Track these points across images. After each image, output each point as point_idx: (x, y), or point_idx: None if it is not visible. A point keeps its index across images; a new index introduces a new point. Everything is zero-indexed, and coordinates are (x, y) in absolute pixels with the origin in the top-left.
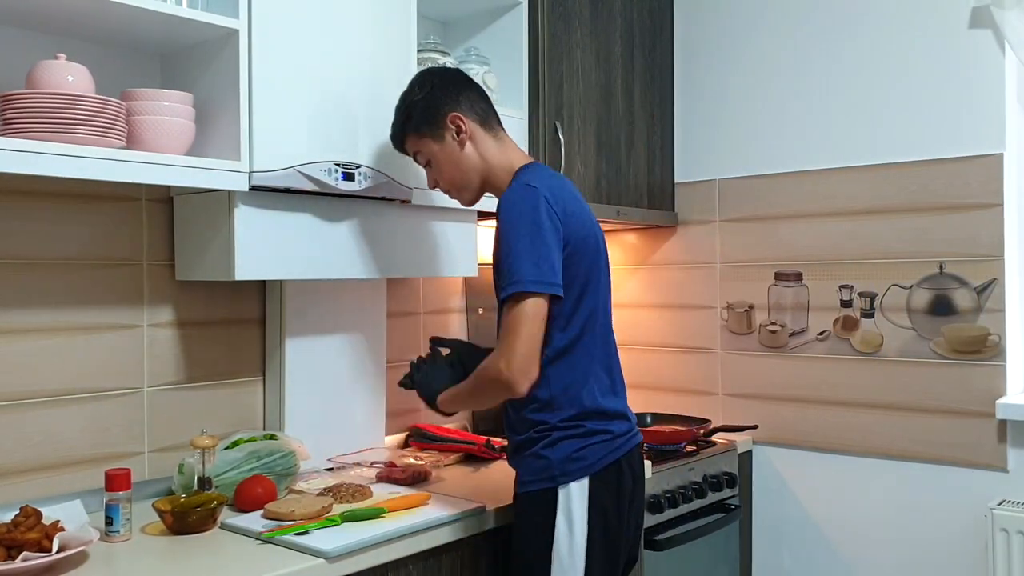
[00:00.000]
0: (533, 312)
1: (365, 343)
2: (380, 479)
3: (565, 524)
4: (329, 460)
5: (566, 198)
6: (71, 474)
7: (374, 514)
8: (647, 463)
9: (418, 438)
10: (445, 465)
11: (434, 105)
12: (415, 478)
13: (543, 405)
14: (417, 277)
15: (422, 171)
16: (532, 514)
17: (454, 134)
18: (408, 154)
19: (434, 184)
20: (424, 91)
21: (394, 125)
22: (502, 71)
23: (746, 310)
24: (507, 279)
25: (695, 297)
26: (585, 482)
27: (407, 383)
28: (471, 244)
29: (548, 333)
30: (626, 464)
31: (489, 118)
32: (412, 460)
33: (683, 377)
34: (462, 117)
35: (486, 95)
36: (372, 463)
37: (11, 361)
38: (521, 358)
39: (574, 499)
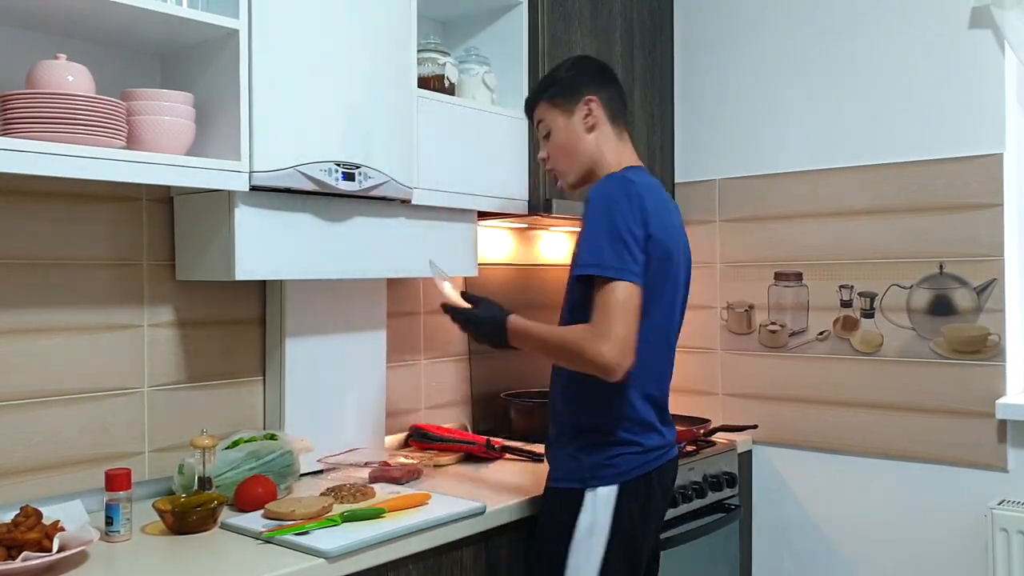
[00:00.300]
0: (627, 297)
1: (365, 343)
2: (374, 478)
3: (587, 526)
4: (319, 461)
5: (660, 203)
6: (71, 474)
7: (374, 514)
8: None
9: (418, 438)
10: (445, 465)
11: (577, 82)
12: (409, 476)
13: (592, 409)
14: (417, 277)
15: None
16: (557, 510)
17: (583, 115)
18: (533, 120)
19: (545, 157)
20: (574, 70)
21: (533, 89)
22: (502, 71)
23: (746, 310)
24: (587, 258)
25: (695, 297)
26: (615, 489)
27: (462, 314)
28: (471, 244)
29: None
30: (656, 478)
31: (619, 117)
32: (404, 459)
33: (683, 377)
34: (598, 102)
35: (625, 97)
36: (366, 463)
37: (11, 361)
38: (624, 344)
39: (600, 503)
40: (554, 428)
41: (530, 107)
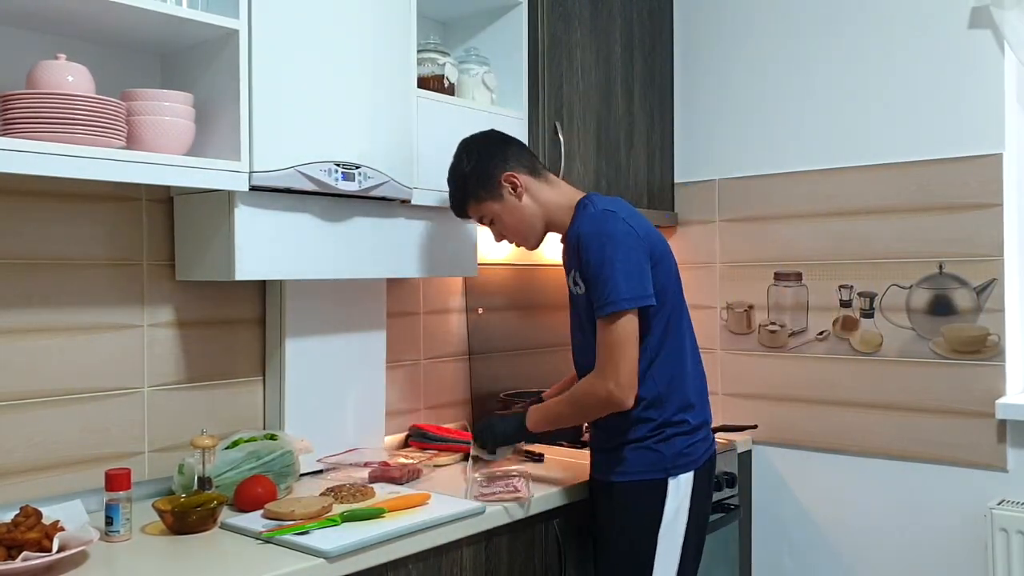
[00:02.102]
0: (629, 330)
1: (365, 343)
2: (374, 478)
3: (673, 512)
4: (319, 461)
5: (640, 219)
6: (71, 474)
7: (374, 514)
8: None
9: (418, 438)
10: (444, 465)
11: (486, 170)
12: (409, 476)
13: (651, 403)
14: (417, 277)
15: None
16: (642, 502)
17: (511, 190)
18: (471, 219)
19: (500, 238)
20: (473, 160)
21: (453, 196)
22: (502, 71)
23: (746, 310)
24: (602, 299)
25: (695, 297)
26: (691, 475)
27: (484, 443)
28: (471, 244)
29: (642, 336)
30: (714, 459)
31: (536, 166)
32: (404, 459)
33: None
34: (514, 174)
35: (527, 147)
36: (366, 463)
37: (11, 361)
38: (627, 376)
39: (682, 490)
40: (621, 425)
41: (462, 211)
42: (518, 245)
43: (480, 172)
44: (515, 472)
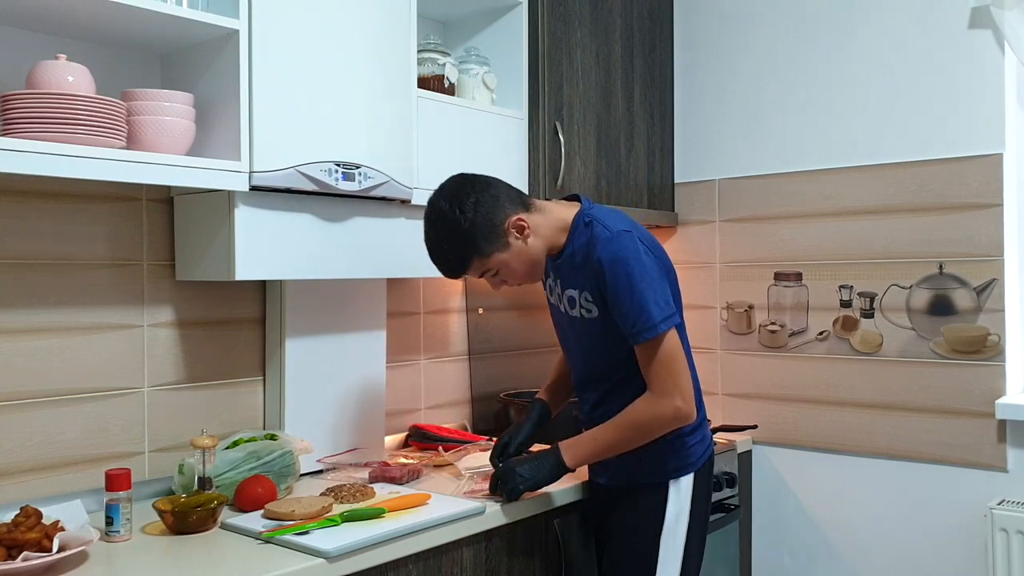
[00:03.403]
0: (675, 346)
1: (365, 343)
2: (374, 478)
3: (674, 515)
4: (319, 461)
5: (645, 232)
6: (71, 474)
7: (374, 514)
8: None
9: (418, 438)
10: (445, 465)
11: (488, 221)
12: (409, 476)
13: None
14: (417, 277)
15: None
16: (642, 506)
17: (517, 235)
18: (474, 276)
19: (500, 285)
20: (470, 212)
21: (449, 259)
22: (502, 71)
23: (746, 310)
24: (640, 325)
25: (695, 297)
26: (691, 478)
27: (513, 492)
28: None
29: None
30: (713, 460)
31: (525, 200)
32: (404, 459)
33: None
34: (520, 216)
35: (495, 179)
36: (366, 463)
37: (11, 361)
38: (688, 390)
39: (682, 493)
40: None
41: (463, 270)
42: (523, 284)
43: (483, 224)
44: None
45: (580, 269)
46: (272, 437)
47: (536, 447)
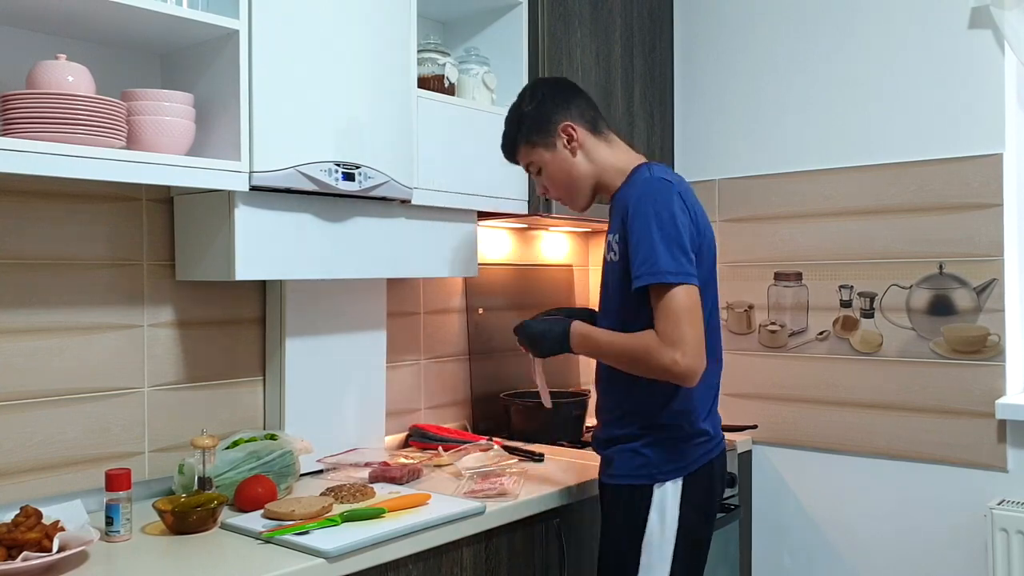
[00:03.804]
0: (688, 303)
1: (365, 343)
2: (374, 478)
3: (658, 520)
4: (319, 461)
5: (695, 199)
6: (71, 474)
7: (374, 514)
8: None
9: (418, 438)
10: (445, 465)
11: (545, 115)
12: (409, 476)
13: (655, 401)
14: (417, 277)
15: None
16: (626, 507)
17: (565, 142)
18: (519, 164)
19: (544, 191)
20: (535, 101)
21: (505, 135)
22: (502, 71)
23: (746, 310)
24: (645, 267)
25: None
26: (680, 482)
27: (522, 329)
28: (471, 244)
29: None
30: (717, 466)
31: (599, 123)
32: (404, 459)
33: None
34: (573, 125)
35: (593, 102)
36: (366, 463)
37: (11, 361)
38: (697, 348)
39: (668, 497)
40: (612, 425)
41: (511, 153)
42: (564, 203)
43: (538, 116)
44: (509, 471)
45: (617, 211)
46: (272, 437)
47: (538, 446)
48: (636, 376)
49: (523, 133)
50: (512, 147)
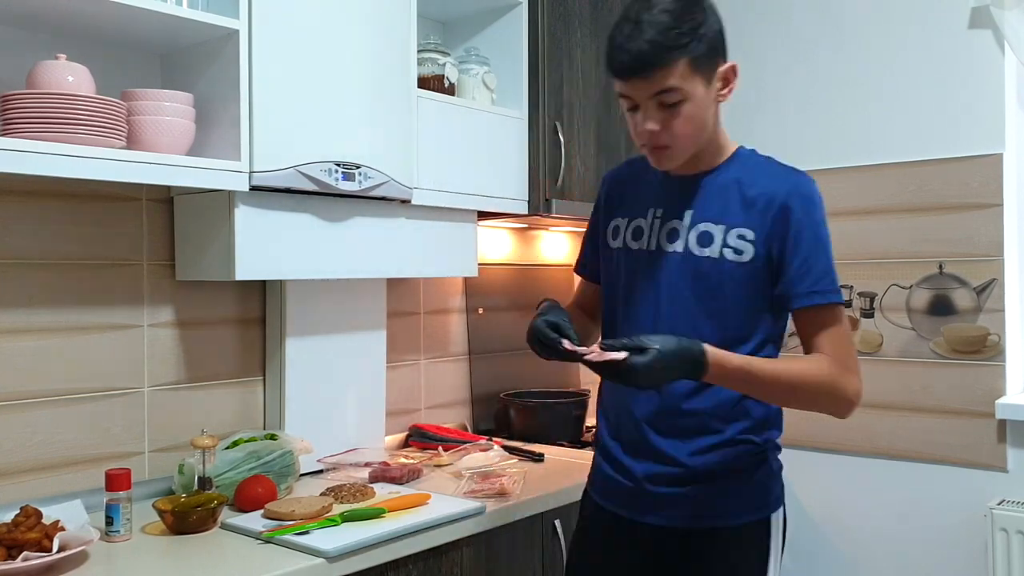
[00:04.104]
0: (849, 325)
1: (365, 343)
2: (374, 478)
3: (776, 553)
4: (319, 461)
5: None
6: (71, 474)
7: (374, 514)
8: None
9: (418, 438)
10: (445, 465)
11: (721, 42)
12: (409, 476)
13: (760, 423)
14: (417, 277)
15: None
16: (747, 549)
17: (720, 87)
18: (654, 79)
19: (656, 129)
20: (718, 25)
21: (661, 39)
22: (502, 71)
23: None
24: (824, 284)
25: None
26: (782, 509)
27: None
28: (471, 244)
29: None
30: None
31: None
32: (404, 459)
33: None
34: (736, 69)
35: None
36: (366, 463)
37: (11, 361)
38: (861, 376)
39: (779, 525)
40: (738, 437)
41: (658, 64)
42: (660, 153)
43: (720, 39)
44: (509, 471)
45: (749, 201)
46: (272, 437)
47: (538, 446)
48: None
49: (693, 50)
50: (668, 53)
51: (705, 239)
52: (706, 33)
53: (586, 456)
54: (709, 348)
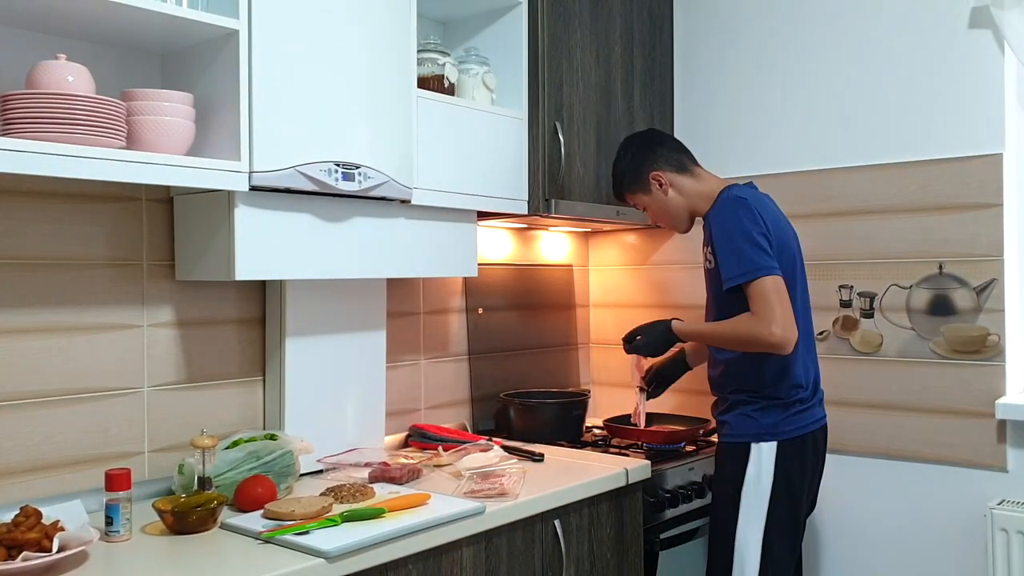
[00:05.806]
0: (775, 285)
1: (365, 343)
2: (374, 478)
3: (755, 474)
4: (319, 461)
5: (769, 207)
6: (71, 474)
7: (374, 514)
8: (646, 462)
9: (418, 438)
10: (444, 465)
11: (637, 168)
12: (409, 476)
13: (761, 377)
14: (417, 277)
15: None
16: (730, 460)
17: (657, 186)
18: (630, 204)
19: (653, 222)
20: (627, 158)
21: (613, 187)
22: (502, 71)
23: None
24: (732, 271)
25: (695, 297)
26: (775, 445)
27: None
28: (471, 244)
29: None
30: (811, 440)
31: (684, 162)
32: (404, 459)
33: (683, 377)
34: (660, 173)
35: (679, 144)
36: (366, 463)
37: (11, 361)
38: (786, 321)
39: (764, 456)
40: (731, 394)
41: (620, 198)
42: (669, 229)
43: (633, 170)
44: (509, 471)
45: (707, 228)
46: (272, 437)
47: (538, 446)
48: (749, 356)
49: (624, 185)
50: (619, 194)
51: (705, 258)
52: (624, 172)
53: (586, 456)
54: (675, 322)
